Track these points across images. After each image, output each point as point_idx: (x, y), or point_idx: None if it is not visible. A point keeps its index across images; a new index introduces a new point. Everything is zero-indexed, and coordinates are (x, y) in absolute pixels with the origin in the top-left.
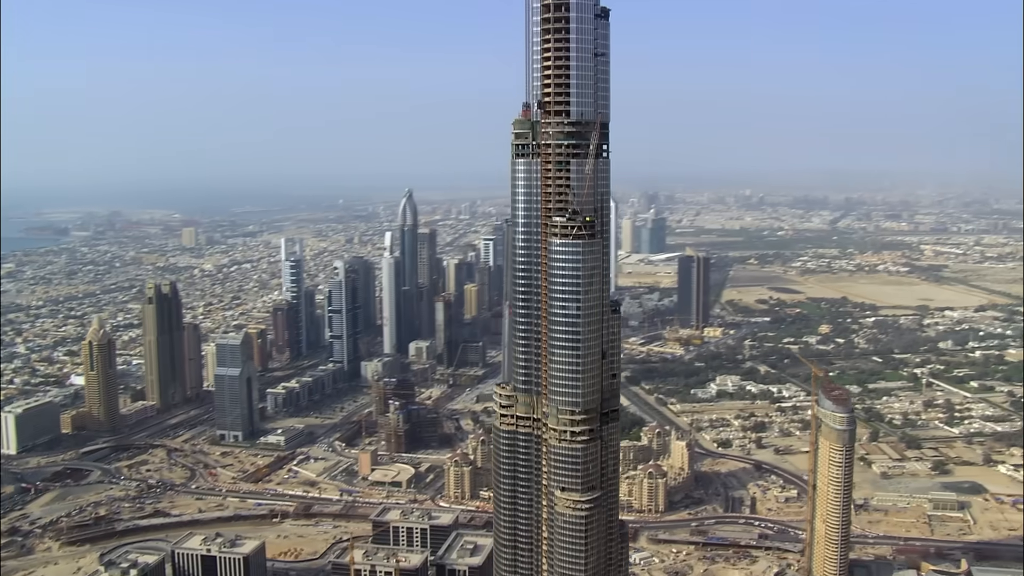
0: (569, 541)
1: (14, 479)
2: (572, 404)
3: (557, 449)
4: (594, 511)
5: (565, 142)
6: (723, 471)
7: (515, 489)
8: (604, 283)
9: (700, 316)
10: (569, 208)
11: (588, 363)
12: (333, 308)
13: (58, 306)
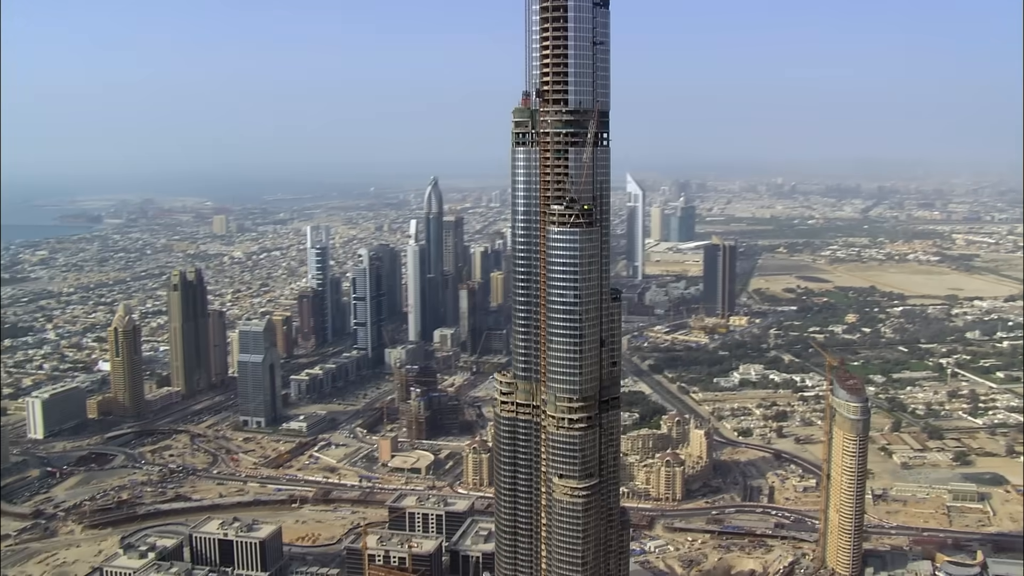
0: (567, 528)
1: (40, 463)
2: (570, 391)
3: (555, 436)
4: (592, 498)
5: (563, 130)
6: (742, 460)
7: (515, 475)
8: (604, 271)
9: (726, 304)
10: (567, 196)
11: (586, 351)
12: (357, 296)
13: (89, 293)
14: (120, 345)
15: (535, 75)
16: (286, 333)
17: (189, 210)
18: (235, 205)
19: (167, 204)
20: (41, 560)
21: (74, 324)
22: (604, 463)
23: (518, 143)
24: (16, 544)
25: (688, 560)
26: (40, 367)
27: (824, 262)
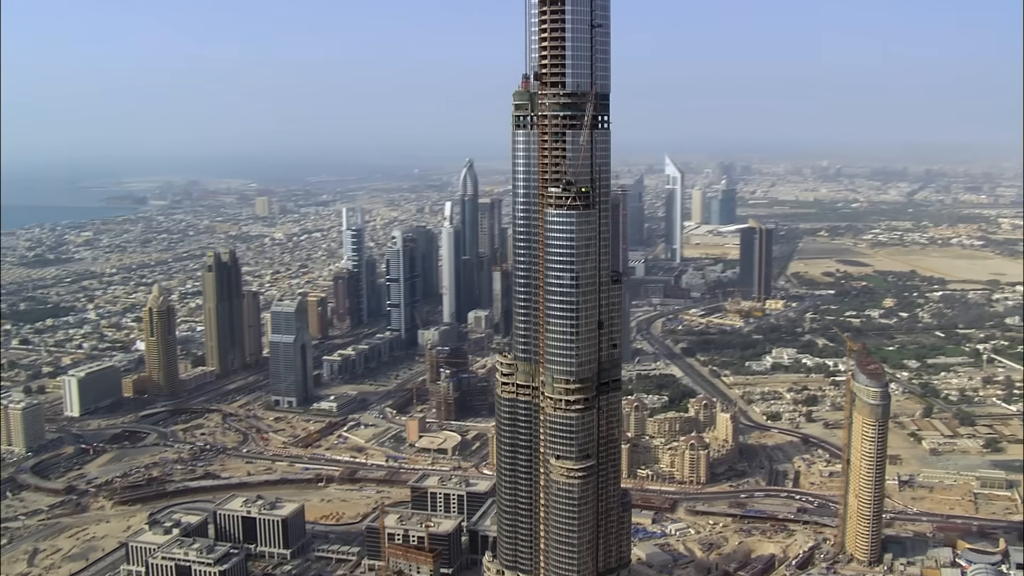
0: (563, 508)
1: (75, 440)
2: (567, 373)
3: (552, 417)
4: (588, 479)
5: (560, 113)
6: (770, 444)
7: (515, 456)
8: (603, 254)
9: (762, 288)
10: (563, 179)
11: (583, 333)
12: (391, 277)
13: (131, 273)
14: (155, 325)
15: (534, 58)
16: (321, 314)
17: (233, 192)
18: (279, 187)
19: (212, 186)
20: (71, 535)
21: (114, 304)
22: (603, 445)
23: (518, 126)
24: (48, 519)
25: (708, 543)
26: (79, 346)
27: (865, 246)
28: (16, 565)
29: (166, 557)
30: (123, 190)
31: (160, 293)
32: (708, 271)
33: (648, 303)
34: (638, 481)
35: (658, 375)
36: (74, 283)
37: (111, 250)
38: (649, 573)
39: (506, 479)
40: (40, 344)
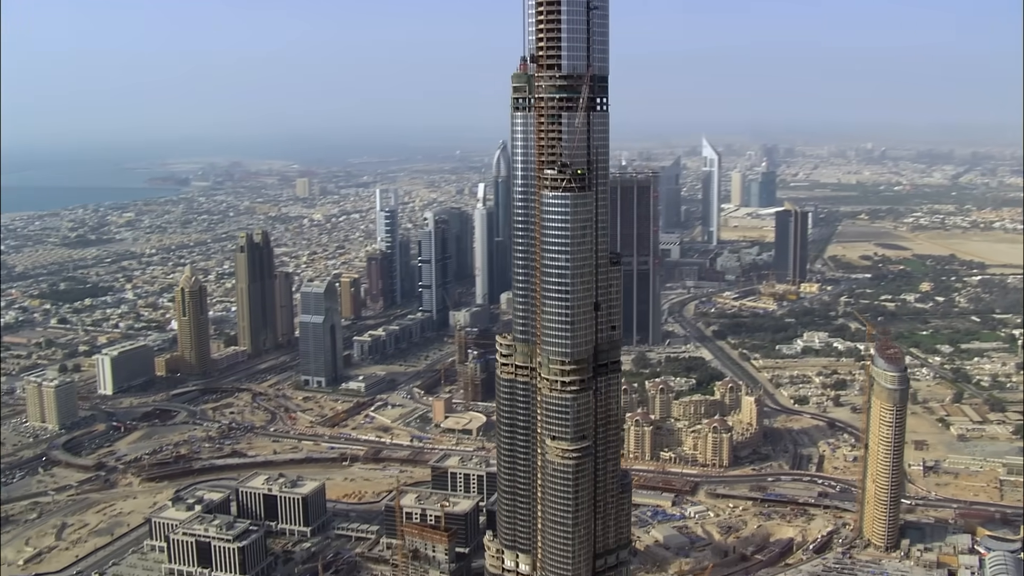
0: (558, 489)
1: (107, 418)
2: (562, 355)
3: (548, 398)
4: (583, 460)
5: (557, 95)
6: (796, 428)
7: (514, 437)
8: (600, 236)
9: (797, 271)
10: (559, 161)
11: (578, 315)
12: (423, 258)
13: (169, 254)
14: (187, 305)
15: (531, 40)
16: (354, 295)
17: (275, 173)
18: (320, 168)
19: (254, 167)
20: (99, 510)
21: (152, 284)
22: (601, 426)
23: (516, 108)
24: (77, 494)
25: (727, 526)
26: (116, 326)
27: (906, 229)
28: (44, 539)
29: (187, 533)
30: (166, 171)
31: (192, 273)
32: (743, 254)
33: (682, 286)
34: (660, 463)
35: (687, 358)
36: (113, 263)
37: (151, 231)
38: (665, 555)
39: (505, 459)
40: (77, 323)
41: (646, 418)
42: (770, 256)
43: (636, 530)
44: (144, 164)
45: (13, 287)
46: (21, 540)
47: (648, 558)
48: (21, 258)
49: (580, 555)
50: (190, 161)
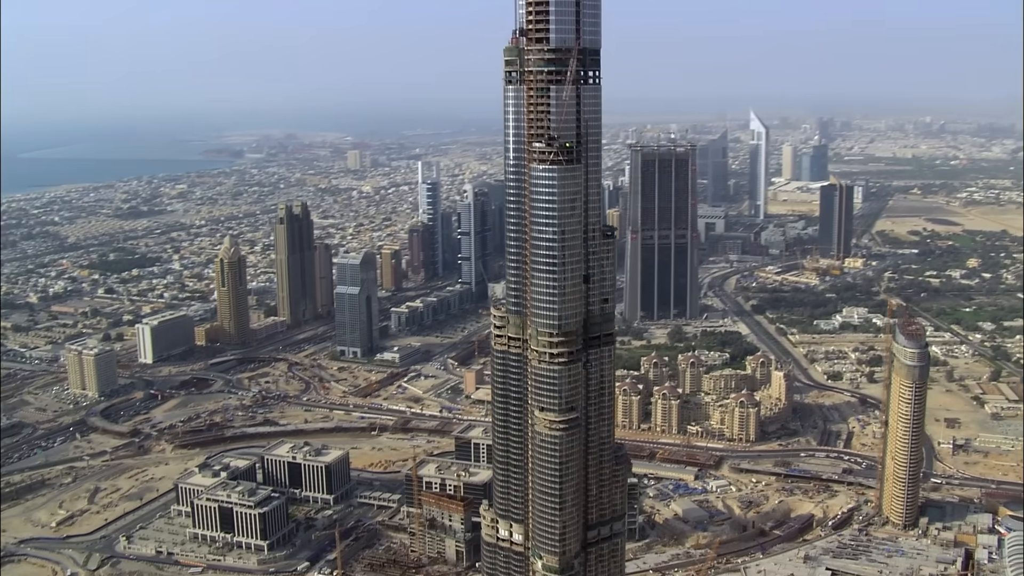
0: (546, 459)
1: (145, 386)
2: (550, 327)
3: (537, 369)
4: (570, 432)
5: (545, 69)
6: (827, 403)
7: (507, 408)
8: (591, 209)
9: (841, 246)
10: (546, 134)
11: (566, 287)
12: (462, 230)
13: (218, 225)
14: (226, 276)
15: (521, 14)
16: (395, 267)
17: (328, 145)
18: (373, 140)
19: (308, 139)
20: (131, 475)
21: (199, 255)
22: (593, 398)
23: (508, 81)
24: (112, 459)
25: (748, 501)
26: (160, 296)
27: (958, 204)
28: (78, 502)
29: (210, 499)
30: (221, 143)
31: (231, 244)
32: (788, 228)
33: (725, 260)
34: (687, 437)
35: (723, 332)
36: (163, 234)
37: (202, 202)
38: (684, 528)
39: (499, 430)
40: (123, 293)
41: (674, 392)
42: (815, 231)
43: (657, 503)
44: (200, 136)
45: (64, 257)
46: (55, 503)
47: (666, 531)
48: (74, 229)
49: (569, 526)
50: (245, 133)
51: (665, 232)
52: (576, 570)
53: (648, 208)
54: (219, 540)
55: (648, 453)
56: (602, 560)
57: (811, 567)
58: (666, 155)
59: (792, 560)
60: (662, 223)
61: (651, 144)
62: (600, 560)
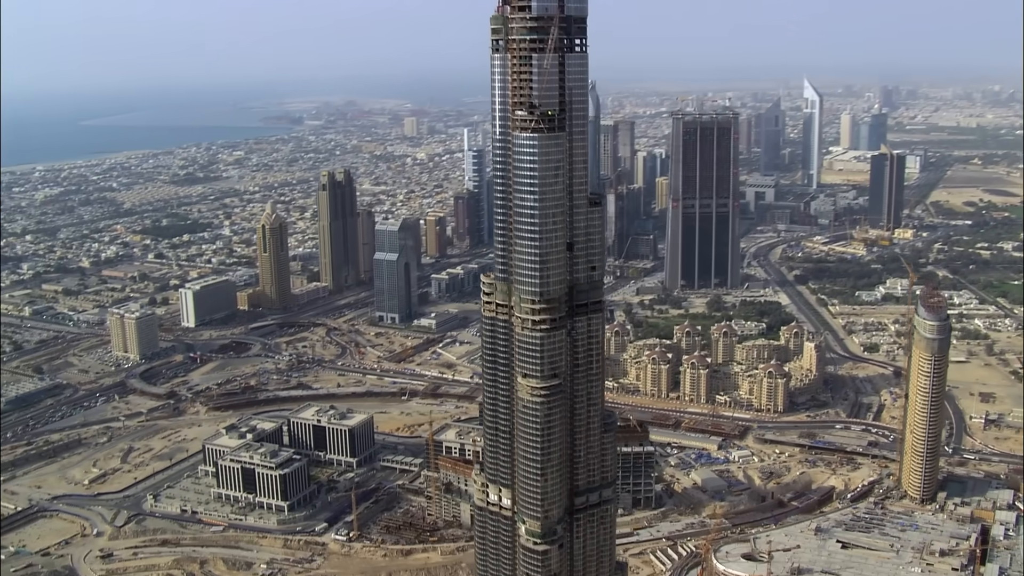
0: (528, 425)
1: (186, 349)
2: (532, 294)
3: (521, 336)
4: (552, 398)
5: (527, 37)
6: (860, 375)
7: (496, 374)
8: (576, 176)
9: (891, 216)
10: (528, 102)
11: (548, 254)
12: None
13: (271, 192)
14: (267, 242)
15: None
16: (439, 233)
17: (387, 112)
18: (433, 107)
19: (368, 106)
20: (164, 436)
21: (249, 221)
22: (580, 366)
23: (495, 50)
24: (147, 420)
25: (769, 472)
26: (208, 261)
27: (1019, 175)
28: (111, 461)
29: (234, 460)
30: (282, 110)
31: (273, 211)
32: (839, 198)
33: (773, 229)
34: (714, 407)
35: (763, 302)
36: (216, 200)
37: (257, 169)
38: (701, 497)
39: (488, 396)
40: (173, 258)
41: (703, 361)
42: (867, 201)
43: (677, 472)
44: (261, 103)
45: (119, 223)
46: (90, 462)
47: (684, 500)
48: (130, 195)
49: (552, 491)
50: (307, 100)
51: (707, 201)
52: (560, 535)
53: (689, 177)
54: (242, 500)
55: (674, 422)
56: (591, 526)
57: (822, 539)
58: (708, 123)
59: (803, 532)
60: (703, 192)
61: (693, 112)
62: (589, 526)
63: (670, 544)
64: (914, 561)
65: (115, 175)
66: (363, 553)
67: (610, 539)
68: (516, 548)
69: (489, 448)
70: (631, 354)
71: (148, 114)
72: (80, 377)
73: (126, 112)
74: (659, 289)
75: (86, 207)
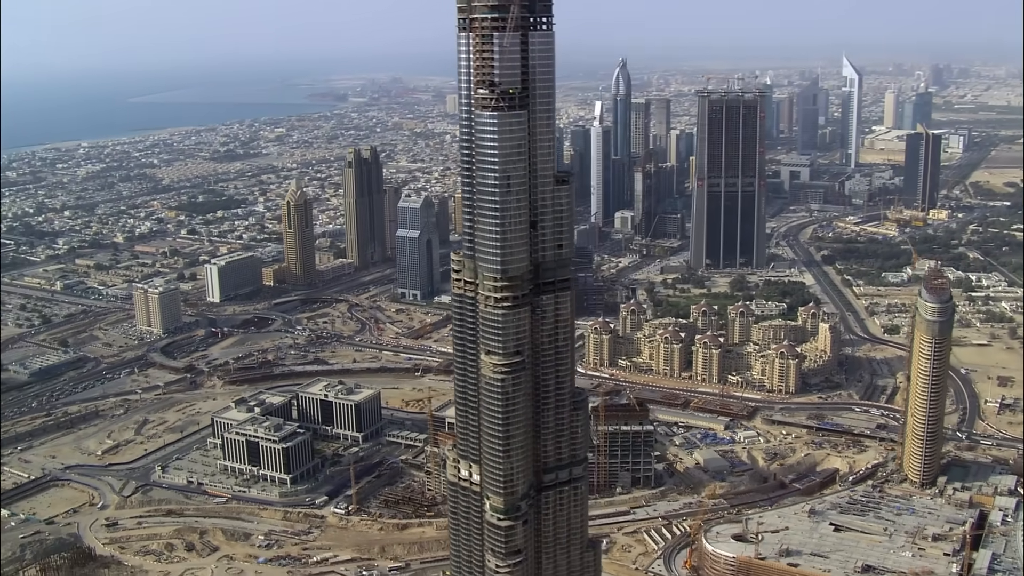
0: (491, 402)
1: (208, 323)
2: (494, 271)
3: (484, 314)
4: (514, 375)
5: (489, 15)
6: (878, 357)
7: (465, 350)
8: (540, 155)
9: (926, 197)
10: (488, 80)
11: (508, 232)
12: None
13: (308, 168)
14: (292, 218)
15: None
16: None
17: (432, 89)
18: None
19: (412, 83)
20: (179, 409)
21: (283, 198)
22: (547, 343)
23: (460, 28)
24: (163, 393)
25: (773, 453)
26: (240, 237)
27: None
28: (126, 433)
29: (239, 433)
30: (327, 87)
31: (298, 187)
32: (875, 178)
33: (806, 209)
34: (726, 387)
35: (787, 282)
36: (253, 177)
37: (297, 145)
38: (702, 477)
39: (459, 372)
40: (205, 234)
41: (715, 341)
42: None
43: (680, 452)
44: (309, 80)
45: (156, 199)
46: (104, 433)
47: (684, 480)
48: (170, 171)
49: (515, 468)
50: (354, 77)
51: (732, 180)
52: (524, 512)
53: (715, 155)
54: (246, 472)
55: (683, 402)
56: (561, 503)
57: (815, 521)
58: (734, 102)
59: (797, 513)
60: (729, 171)
61: (717, 91)
62: (559, 503)
63: (665, 524)
64: (906, 545)
65: (157, 151)
66: (360, 526)
67: (581, 516)
68: (484, 523)
69: (460, 424)
70: (645, 333)
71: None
72: (103, 350)
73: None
74: (684, 268)
75: (126, 183)
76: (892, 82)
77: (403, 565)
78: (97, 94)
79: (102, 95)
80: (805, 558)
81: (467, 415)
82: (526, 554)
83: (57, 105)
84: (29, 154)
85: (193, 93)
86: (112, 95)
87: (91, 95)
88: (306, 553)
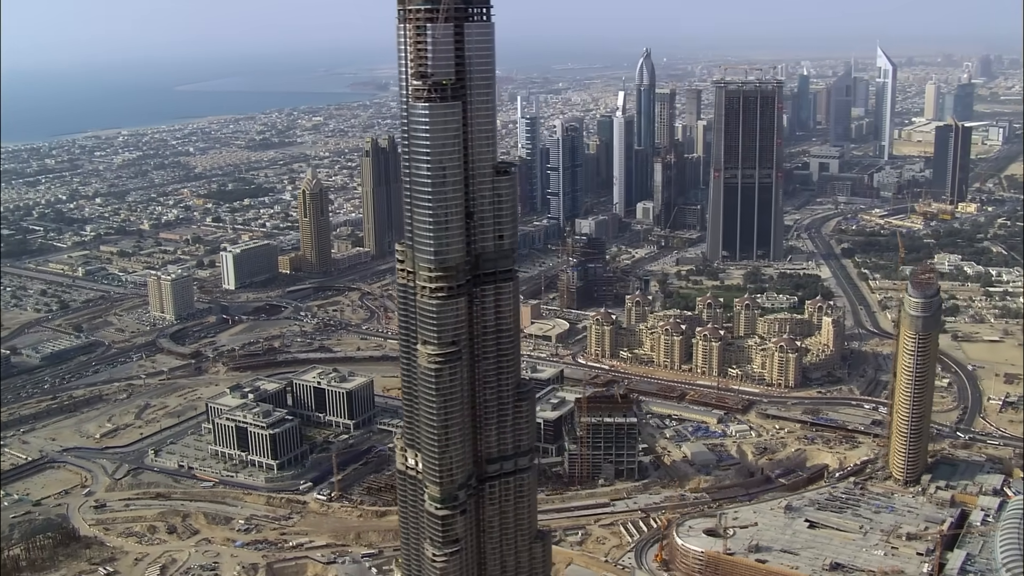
0: (426, 392)
1: (221, 310)
2: (428, 262)
3: (420, 304)
4: (449, 365)
5: (423, 7)
6: (885, 352)
7: (408, 340)
8: (479, 146)
9: (955, 190)
10: (421, 71)
11: (441, 223)
12: (551, 166)
13: (339, 157)
14: (308, 207)
15: None
16: None
17: None
18: (519, 75)
19: None
20: (181, 394)
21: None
22: (489, 334)
23: (400, 20)
24: (167, 379)
25: (763, 447)
26: (263, 225)
27: None
28: (126, 417)
29: (229, 419)
30: (370, 76)
31: (313, 176)
32: (905, 170)
33: (832, 201)
34: (725, 380)
35: (802, 275)
36: (284, 165)
37: (332, 134)
38: (688, 471)
39: (404, 362)
40: (229, 222)
41: (715, 333)
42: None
43: (670, 444)
44: (353, 69)
45: (186, 187)
46: (105, 417)
47: (670, 472)
48: (204, 159)
49: (452, 457)
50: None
51: (749, 171)
52: (462, 501)
53: (732, 147)
54: (235, 458)
55: (679, 394)
56: (506, 494)
57: (791, 517)
58: (751, 92)
59: (773, 509)
60: (746, 162)
61: (736, 81)
62: (505, 494)
63: (643, 517)
64: (879, 544)
65: (194, 140)
66: (340, 513)
67: (528, 507)
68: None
69: (406, 413)
70: (648, 324)
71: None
72: (115, 336)
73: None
74: (699, 260)
75: (159, 171)
76: (937, 73)
77: (376, 552)
78: (146, 83)
79: (151, 84)
80: (775, 554)
81: (412, 404)
82: (465, 544)
83: (104, 94)
84: (70, 142)
85: (239, 81)
86: (161, 84)
87: (140, 84)
88: (283, 538)
